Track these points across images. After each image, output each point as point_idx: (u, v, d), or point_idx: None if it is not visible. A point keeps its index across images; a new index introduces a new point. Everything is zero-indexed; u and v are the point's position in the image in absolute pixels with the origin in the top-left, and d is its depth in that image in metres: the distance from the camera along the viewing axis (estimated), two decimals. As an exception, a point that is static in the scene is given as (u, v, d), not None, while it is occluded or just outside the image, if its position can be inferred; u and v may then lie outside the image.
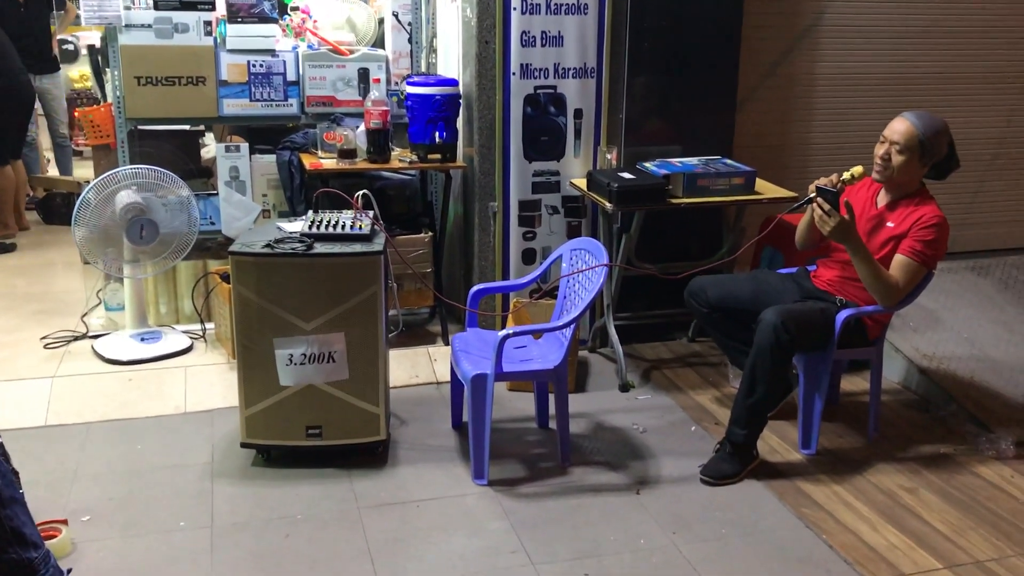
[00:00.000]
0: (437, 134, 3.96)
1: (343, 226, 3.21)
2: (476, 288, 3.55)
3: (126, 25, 4.01)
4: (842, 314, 3.31)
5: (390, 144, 4.10)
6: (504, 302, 4.22)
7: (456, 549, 2.81)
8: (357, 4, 4.60)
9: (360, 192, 3.34)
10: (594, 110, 4.11)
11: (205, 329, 4.26)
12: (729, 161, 4.06)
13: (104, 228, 3.85)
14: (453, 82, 4.00)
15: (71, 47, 4.61)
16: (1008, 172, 5.33)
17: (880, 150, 3.29)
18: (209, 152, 4.92)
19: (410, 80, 4.00)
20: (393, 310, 3.56)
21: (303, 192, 4.20)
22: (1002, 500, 3.15)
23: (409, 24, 4.37)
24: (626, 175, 3.81)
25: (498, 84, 3.96)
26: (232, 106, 4.22)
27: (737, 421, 3.25)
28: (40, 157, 6.73)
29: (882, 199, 3.39)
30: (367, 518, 2.95)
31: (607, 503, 3.08)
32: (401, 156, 4.11)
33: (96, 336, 4.22)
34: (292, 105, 4.28)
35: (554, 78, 4.01)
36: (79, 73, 6.64)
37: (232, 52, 4.16)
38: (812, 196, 3.20)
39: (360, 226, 3.22)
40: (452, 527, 2.93)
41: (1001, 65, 5.12)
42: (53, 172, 6.85)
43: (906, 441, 3.55)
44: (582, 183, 4.02)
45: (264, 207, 4.37)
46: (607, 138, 4.15)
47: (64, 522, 2.79)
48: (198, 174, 4.61)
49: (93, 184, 3.84)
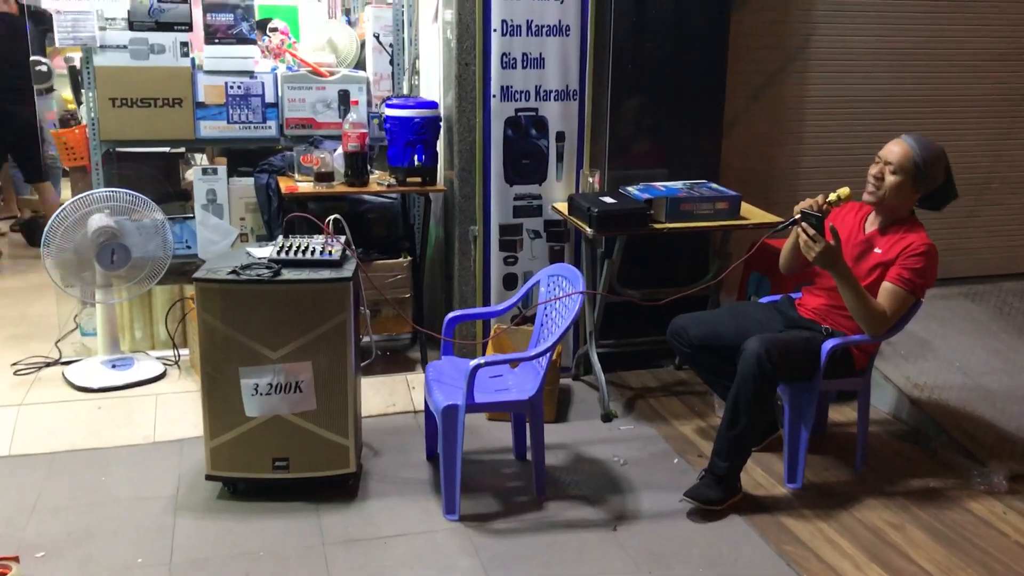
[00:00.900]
0: (416, 157, 3.88)
1: (312, 251, 3.13)
2: (451, 315, 3.46)
3: (101, 46, 3.95)
4: (828, 343, 3.22)
5: (369, 167, 4.02)
6: (486, 328, 4.12)
7: (422, 588, 2.71)
8: (339, 25, 4.54)
9: (331, 217, 3.25)
10: (577, 133, 4.03)
11: (179, 355, 4.17)
12: (714, 185, 3.97)
13: (75, 252, 3.76)
14: (432, 104, 3.92)
15: (44, 68, 4.54)
16: (1002, 196, 5.25)
17: (874, 170, 3.20)
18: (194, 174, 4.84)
19: (389, 102, 3.93)
20: (366, 337, 3.46)
21: (281, 216, 4.12)
22: (993, 538, 3.04)
23: (390, 46, 4.31)
24: (607, 199, 3.73)
25: (478, 106, 3.89)
26: (209, 128, 4.15)
27: (719, 452, 3.14)
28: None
29: (871, 224, 3.30)
30: (332, 555, 2.85)
31: (582, 540, 2.97)
32: (380, 179, 4.03)
33: (68, 362, 4.13)
34: (271, 127, 4.21)
35: (536, 100, 3.93)
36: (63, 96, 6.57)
37: (209, 73, 4.09)
38: (795, 219, 3.11)
39: (330, 251, 3.13)
40: (419, 565, 2.82)
41: (994, 88, 5.05)
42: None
43: (895, 474, 3.44)
44: (563, 207, 3.94)
45: (242, 231, 4.29)
46: (590, 161, 4.07)
47: (15, 559, 2.68)
48: (177, 197, 4.52)
49: (63, 208, 3.76)
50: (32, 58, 4.58)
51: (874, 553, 2.93)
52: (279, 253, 3.11)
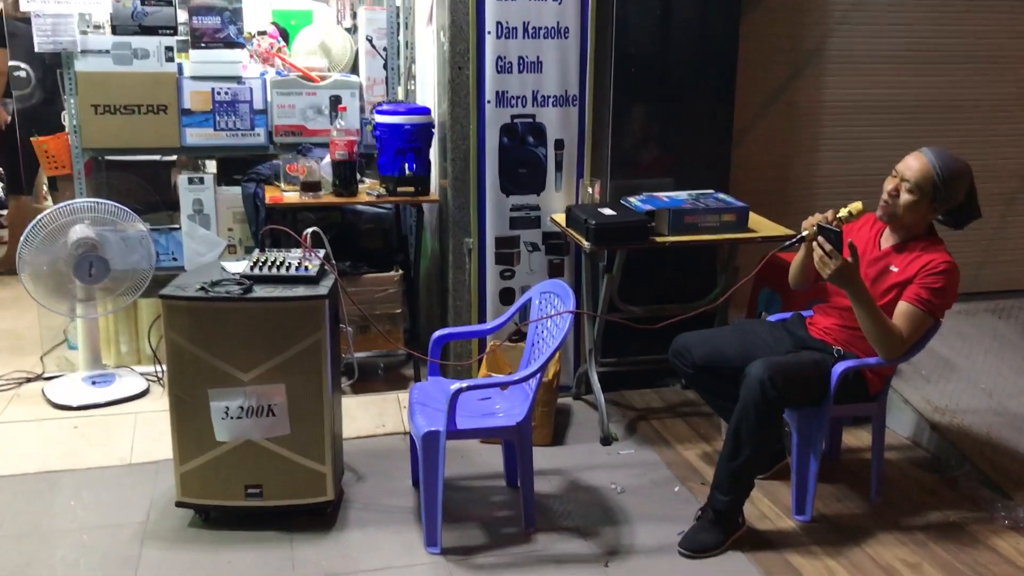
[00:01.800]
0: (407, 165, 3.70)
1: (288, 267, 2.95)
2: (438, 334, 3.27)
3: (82, 51, 3.80)
4: (839, 366, 3.00)
5: (358, 176, 3.85)
6: (481, 345, 3.93)
7: (395, 631, 2.53)
8: (334, 28, 4.37)
9: (309, 229, 3.08)
10: (577, 141, 3.83)
11: (162, 372, 4.01)
12: (722, 196, 3.76)
13: (50, 265, 3.62)
14: (425, 110, 3.75)
15: (23, 74, 4.41)
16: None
17: (889, 185, 2.98)
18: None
19: (379, 108, 3.75)
20: (347, 355, 3.28)
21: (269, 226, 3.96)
22: (1017, 579, 2.81)
23: (384, 50, 4.14)
24: (607, 211, 3.53)
25: (472, 113, 3.70)
26: (195, 136, 3.99)
27: (719, 486, 2.93)
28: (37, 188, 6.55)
29: (886, 240, 3.07)
30: (301, 592, 2.67)
31: (571, 577, 2.77)
32: (370, 189, 3.85)
33: (50, 378, 3.99)
34: (259, 135, 4.04)
35: (532, 106, 3.74)
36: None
37: (195, 79, 3.94)
38: (803, 234, 2.91)
39: (307, 267, 2.96)
40: (394, 604, 2.64)
41: (1022, 93, 4.79)
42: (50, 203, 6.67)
43: (912, 506, 3.21)
44: (562, 219, 3.74)
45: (229, 242, 4.13)
46: (591, 171, 3.87)
47: (-37, 594, 2.53)
48: (167, 207, 4.38)
49: (40, 218, 3.61)
50: (10, 63, 4.47)
51: (887, 596, 2.71)
52: (252, 268, 2.94)
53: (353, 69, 4.33)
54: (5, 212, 5.75)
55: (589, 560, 2.86)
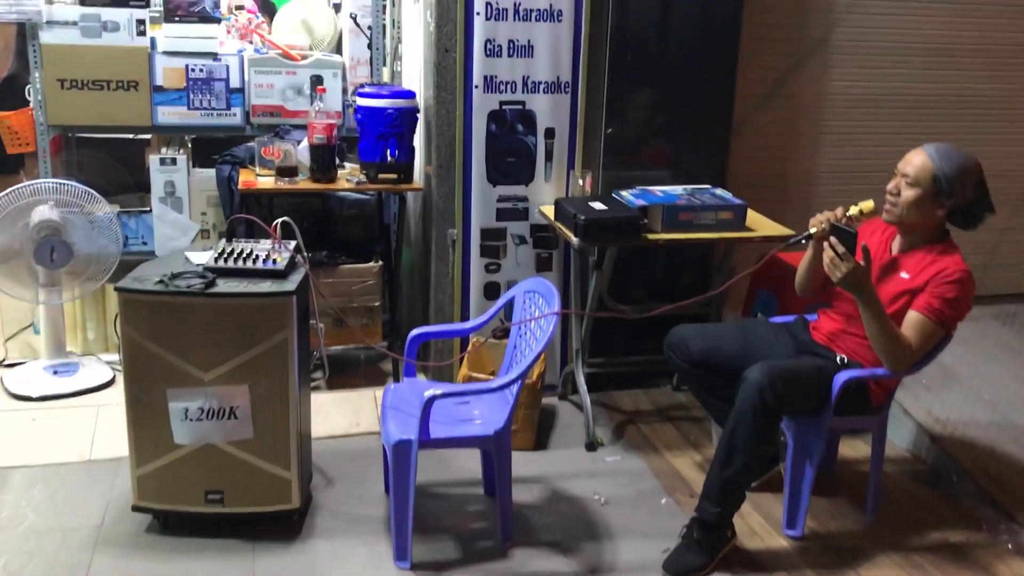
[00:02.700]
0: (388, 152, 3.51)
1: (255, 259, 2.77)
2: (415, 333, 3.08)
3: (47, 22, 3.60)
4: (841, 375, 2.82)
5: (338, 161, 3.66)
6: (462, 343, 3.75)
7: (357, 654, 2.36)
8: (318, 5, 4.16)
9: (279, 219, 2.89)
10: (568, 130, 3.64)
11: (129, 362, 3.82)
12: (719, 191, 3.58)
13: (6, 248, 3.43)
14: (409, 94, 3.55)
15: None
16: (1040, 208, 4.81)
17: (890, 184, 2.81)
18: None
19: (360, 91, 3.56)
20: (316, 352, 3.10)
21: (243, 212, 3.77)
22: (1021, 609, 2.66)
23: (369, 28, 3.93)
24: (597, 205, 3.34)
25: (459, 98, 3.50)
26: (168, 114, 3.80)
27: (709, 496, 2.76)
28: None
29: (897, 245, 2.90)
30: (259, 608, 2.50)
31: (548, 597, 2.61)
32: (350, 175, 3.66)
33: (12, 365, 3.81)
34: (236, 115, 3.85)
35: (522, 93, 3.55)
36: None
37: (168, 55, 3.74)
38: (810, 233, 2.75)
39: (276, 259, 2.77)
40: (358, 624, 2.47)
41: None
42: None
43: (910, 526, 3.05)
44: (551, 211, 3.56)
45: (203, 227, 3.94)
46: (582, 161, 3.68)
47: None
48: (138, 188, 4.19)
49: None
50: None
51: (883, 625, 2.55)
52: (217, 260, 2.75)
53: (337, 49, 4.13)
54: None
55: (568, 578, 2.70)
